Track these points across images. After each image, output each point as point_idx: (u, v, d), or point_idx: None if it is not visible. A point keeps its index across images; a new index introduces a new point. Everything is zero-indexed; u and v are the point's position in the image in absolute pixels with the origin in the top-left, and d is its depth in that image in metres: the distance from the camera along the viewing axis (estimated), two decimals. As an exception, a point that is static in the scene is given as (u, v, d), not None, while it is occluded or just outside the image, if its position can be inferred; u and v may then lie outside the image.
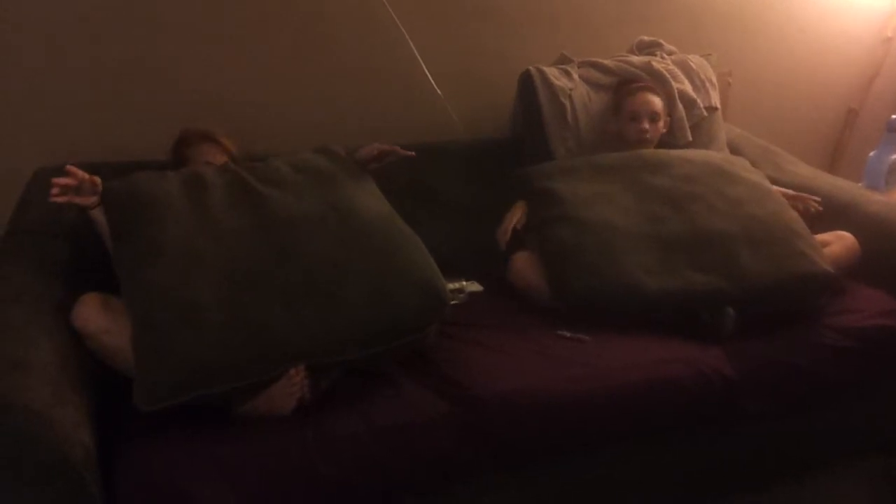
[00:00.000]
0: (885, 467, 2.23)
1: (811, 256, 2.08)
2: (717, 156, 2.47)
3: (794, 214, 2.23)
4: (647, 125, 2.44)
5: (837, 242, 2.21)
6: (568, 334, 1.98)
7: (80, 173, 1.74)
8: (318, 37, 2.53)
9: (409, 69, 2.60)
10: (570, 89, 2.55)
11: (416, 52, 2.58)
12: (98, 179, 1.78)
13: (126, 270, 1.71)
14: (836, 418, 2.09)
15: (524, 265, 2.20)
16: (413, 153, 2.10)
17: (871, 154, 2.77)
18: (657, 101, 2.47)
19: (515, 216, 2.29)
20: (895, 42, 3.29)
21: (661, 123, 2.48)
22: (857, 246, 2.22)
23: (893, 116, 2.73)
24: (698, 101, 2.66)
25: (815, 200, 2.30)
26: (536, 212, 2.27)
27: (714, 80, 2.75)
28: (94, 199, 1.79)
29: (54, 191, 1.71)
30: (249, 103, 2.49)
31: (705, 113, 2.67)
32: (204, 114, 2.33)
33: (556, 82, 2.54)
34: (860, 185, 2.70)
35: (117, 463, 1.47)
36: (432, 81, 2.63)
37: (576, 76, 2.60)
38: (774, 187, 2.33)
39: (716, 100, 2.73)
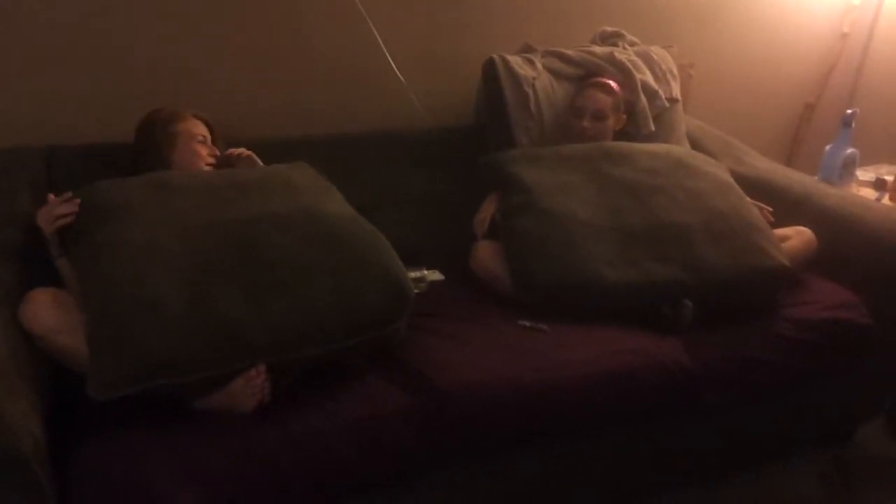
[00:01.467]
0: (835, 458, 2.28)
1: (769, 251, 2.11)
2: (679, 149, 2.49)
3: (754, 209, 2.26)
4: (587, 123, 2.44)
5: (796, 237, 2.25)
6: (528, 324, 1.98)
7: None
8: (285, 24, 2.48)
9: (373, 56, 2.57)
10: (534, 78, 2.54)
11: (379, 39, 2.55)
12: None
13: (83, 267, 1.67)
14: (790, 410, 2.13)
15: (486, 254, 2.19)
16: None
17: (827, 148, 2.80)
18: (604, 100, 2.46)
19: (493, 205, 2.29)
20: (851, 38, 3.34)
21: (609, 121, 2.46)
22: (815, 241, 2.26)
23: (848, 111, 2.76)
24: (660, 92, 2.67)
25: (768, 210, 2.34)
26: (504, 199, 2.26)
27: (675, 71, 2.76)
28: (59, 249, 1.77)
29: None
30: (215, 87, 2.43)
31: (667, 104, 2.68)
32: (170, 97, 2.26)
33: (520, 71, 2.53)
34: (816, 178, 2.74)
35: (73, 458, 1.43)
36: (395, 68, 2.60)
37: (539, 65, 2.59)
38: None
39: (677, 91, 2.74)
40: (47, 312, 1.59)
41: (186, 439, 1.51)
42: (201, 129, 2.13)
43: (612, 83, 2.50)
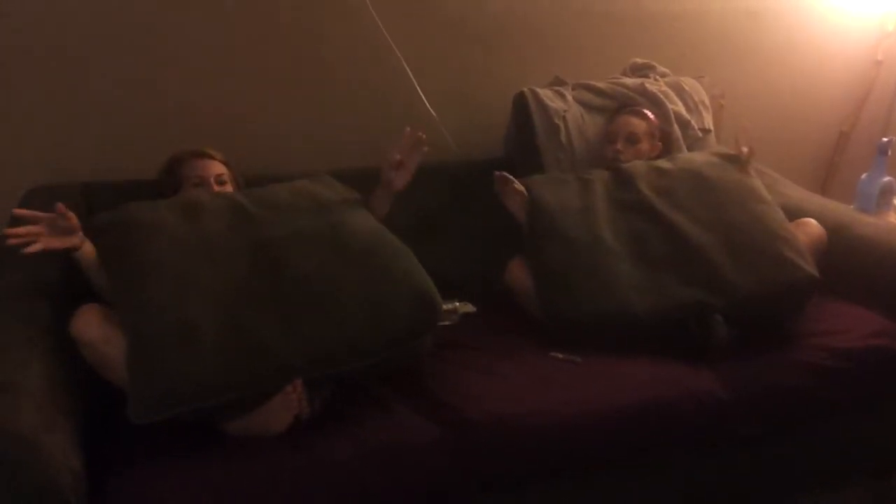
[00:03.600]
0: (873, 491, 2.22)
1: (795, 261, 2.08)
2: (697, 161, 2.42)
3: (778, 213, 2.23)
4: (620, 146, 2.45)
5: (799, 231, 2.22)
6: (560, 356, 1.97)
7: (41, 214, 1.72)
8: (315, 58, 2.54)
9: (404, 90, 2.61)
10: (564, 111, 2.56)
11: (410, 73, 2.59)
12: (72, 215, 1.75)
13: (119, 293, 1.71)
14: (824, 441, 2.08)
15: (520, 269, 2.20)
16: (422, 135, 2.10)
17: (863, 176, 2.77)
18: (637, 123, 2.47)
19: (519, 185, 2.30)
20: (885, 65, 3.31)
21: (643, 146, 2.46)
22: (823, 232, 2.24)
23: (884, 139, 2.73)
24: (692, 122, 2.67)
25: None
26: (528, 222, 2.27)
27: (707, 102, 2.76)
28: (75, 240, 1.78)
29: (10, 241, 1.67)
30: (245, 123, 2.49)
31: (700, 134, 2.68)
32: (200, 133, 2.33)
33: (551, 104, 2.55)
34: (851, 207, 2.70)
35: (107, 488, 1.46)
36: (426, 102, 2.64)
37: (570, 98, 2.61)
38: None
39: (709, 122, 2.74)
40: (98, 324, 1.63)
41: (216, 467, 1.53)
42: (198, 171, 2.12)
43: (646, 111, 2.51)
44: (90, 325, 1.63)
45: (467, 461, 1.68)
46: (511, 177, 2.31)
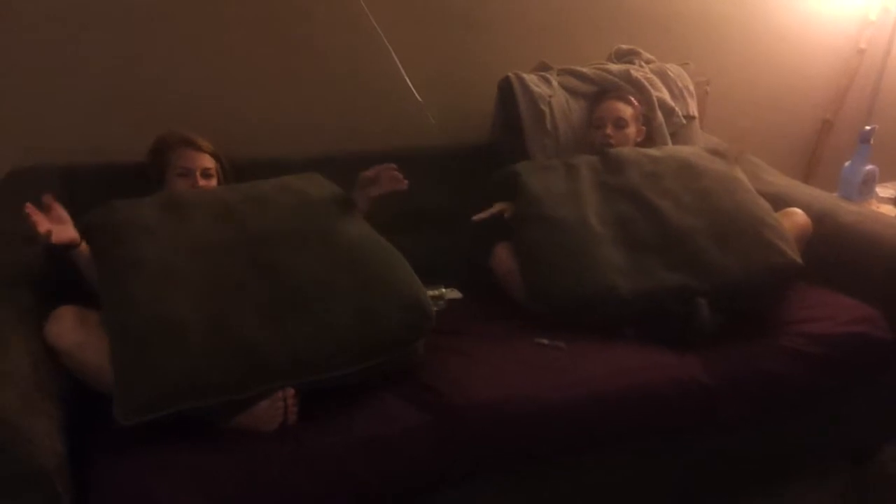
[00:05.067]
0: (856, 477, 2.25)
1: (779, 246, 2.11)
2: (684, 150, 2.48)
3: (764, 203, 2.25)
4: (610, 130, 2.47)
5: (785, 220, 2.25)
6: (546, 342, 1.98)
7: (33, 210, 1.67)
8: (301, 41, 2.52)
9: (390, 74, 2.59)
10: (550, 96, 2.56)
11: (395, 57, 2.58)
12: (60, 207, 1.74)
13: (102, 287, 1.68)
14: (809, 427, 2.11)
15: (505, 254, 2.22)
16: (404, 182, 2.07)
17: (846, 165, 2.80)
18: (623, 108, 2.49)
19: (497, 207, 2.30)
20: (868, 54, 3.34)
21: (630, 130, 2.48)
22: (808, 222, 2.27)
23: (866, 128, 2.75)
24: (677, 109, 2.67)
25: None
26: (515, 209, 2.28)
27: (692, 88, 2.77)
28: (75, 234, 1.76)
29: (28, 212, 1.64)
30: (231, 106, 2.47)
31: (684, 121, 2.69)
32: (185, 116, 2.31)
33: (536, 89, 2.54)
34: (835, 195, 2.72)
35: (91, 473, 1.45)
36: (411, 86, 2.62)
37: (555, 83, 2.60)
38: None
39: (693, 109, 2.75)
40: (73, 329, 1.60)
41: (202, 456, 1.52)
42: (186, 161, 2.09)
43: (630, 96, 2.52)
44: (64, 331, 1.60)
45: (454, 448, 1.68)
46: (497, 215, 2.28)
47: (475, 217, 2.27)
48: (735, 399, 1.93)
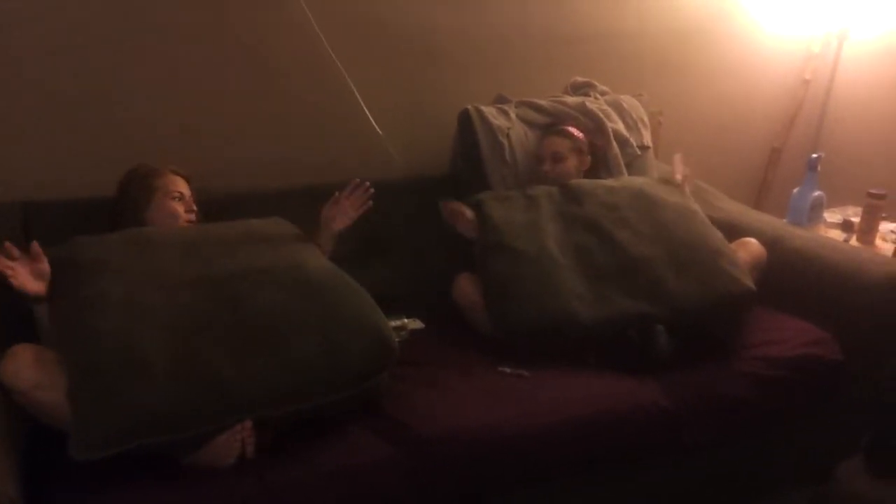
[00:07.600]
0: (815, 496, 2.28)
1: (733, 274, 2.16)
2: (639, 181, 2.52)
3: (717, 233, 2.31)
4: (547, 166, 2.52)
5: (741, 249, 2.31)
6: (508, 370, 2.00)
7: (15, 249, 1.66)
8: (265, 77, 2.53)
9: (350, 108, 2.62)
10: (508, 128, 2.60)
11: (355, 90, 2.60)
12: (45, 259, 1.72)
13: (64, 322, 1.66)
14: (768, 448, 2.15)
15: (467, 285, 2.25)
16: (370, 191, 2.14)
17: (795, 191, 2.87)
18: (560, 142, 2.53)
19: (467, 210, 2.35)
20: (813, 84, 3.45)
21: (570, 162, 2.52)
22: (762, 250, 2.33)
23: (813, 155, 2.84)
24: (631, 139, 2.73)
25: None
26: (478, 238, 2.31)
27: (646, 119, 2.83)
28: (44, 287, 1.73)
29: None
30: (194, 139, 2.47)
31: (638, 151, 2.75)
32: (150, 151, 2.29)
33: (495, 121, 2.58)
34: (784, 220, 2.79)
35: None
36: (372, 121, 2.65)
37: (513, 115, 2.65)
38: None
39: (648, 139, 2.81)
40: (29, 368, 1.56)
41: (164, 494, 1.50)
42: (179, 186, 2.13)
43: (570, 128, 2.57)
44: (20, 371, 1.55)
45: (420, 478, 1.68)
46: (459, 205, 2.34)
47: (444, 202, 2.33)
48: (697, 422, 1.96)
